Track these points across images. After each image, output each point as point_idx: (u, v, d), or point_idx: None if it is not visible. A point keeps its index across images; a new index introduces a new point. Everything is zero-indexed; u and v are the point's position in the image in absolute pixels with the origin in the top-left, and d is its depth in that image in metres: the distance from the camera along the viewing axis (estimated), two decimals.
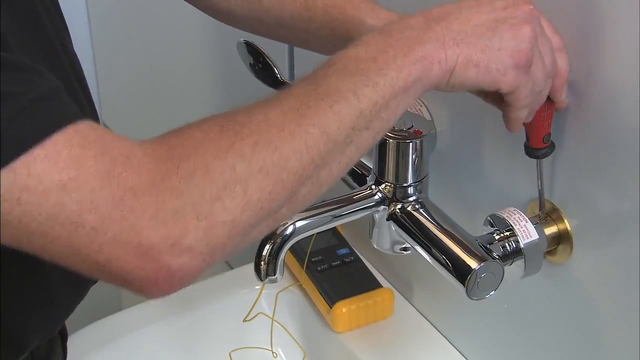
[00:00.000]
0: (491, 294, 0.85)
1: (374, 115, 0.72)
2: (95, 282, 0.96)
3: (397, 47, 0.73)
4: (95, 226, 0.63)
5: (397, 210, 0.92)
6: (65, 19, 0.90)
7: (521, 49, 0.76)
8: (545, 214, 0.89)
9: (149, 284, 0.66)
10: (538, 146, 0.85)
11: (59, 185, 0.62)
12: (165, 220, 0.64)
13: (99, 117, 0.91)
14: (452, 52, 0.74)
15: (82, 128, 0.65)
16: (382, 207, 0.92)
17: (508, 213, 0.88)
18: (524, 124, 0.83)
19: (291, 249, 0.91)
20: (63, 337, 1.00)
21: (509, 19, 0.77)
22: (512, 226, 0.87)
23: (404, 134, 0.91)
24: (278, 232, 0.87)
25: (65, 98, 0.66)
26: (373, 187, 0.93)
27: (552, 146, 0.85)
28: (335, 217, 0.91)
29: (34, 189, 0.62)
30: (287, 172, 0.68)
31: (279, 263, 0.87)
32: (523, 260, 0.87)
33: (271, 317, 1.18)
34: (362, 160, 0.98)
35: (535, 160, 0.87)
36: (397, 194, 0.92)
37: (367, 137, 0.73)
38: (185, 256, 0.65)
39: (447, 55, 0.74)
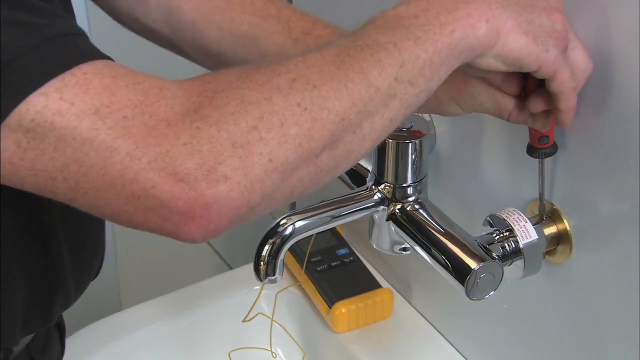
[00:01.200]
0: (491, 294, 0.85)
1: (418, 70, 0.70)
2: (95, 276, 0.95)
3: (440, 6, 0.72)
4: (129, 151, 0.63)
5: (397, 211, 0.92)
6: None
7: (557, 29, 0.75)
8: (544, 214, 0.89)
9: (187, 217, 0.64)
10: (550, 144, 0.85)
11: (91, 109, 0.63)
12: (199, 147, 0.63)
13: None
14: (500, 14, 0.72)
15: (112, 63, 0.66)
16: (382, 207, 0.92)
17: (507, 213, 0.88)
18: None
19: (290, 249, 0.91)
20: (61, 330, 1.00)
21: (541, 2, 0.76)
22: (511, 226, 0.87)
23: (404, 134, 0.91)
24: (277, 232, 0.87)
25: (91, 43, 0.67)
26: (372, 187, 0.93)
27: (555, 145, 0.85)
28: (335, 217, 0.91)
29: (66, 112, 0.63)
30: (328, 111, 0.67)
31: (279, 263, 0.87)
32: (522, 260, 0.87)
33: (270, 317, 1.17)
34: (361, 161, 0.98)
35: (534, 160, 0.87)
36: (397, 194, 0.92)
37: (411, 93, 0.71)
38: (222, 185, 0.63)
39: (494, 14, 0.72)
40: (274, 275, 0.88)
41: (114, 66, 0.66)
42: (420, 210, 0.91)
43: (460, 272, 0.84)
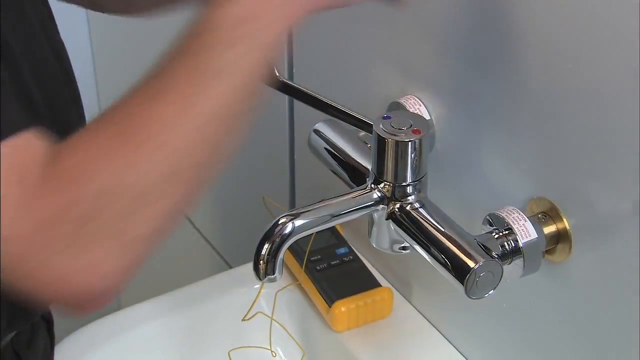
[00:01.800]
0: (490, 293, 0.85)
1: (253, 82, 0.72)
2: None
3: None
4: (17, 255, 0.65)
5: (396, 210, 0.92)
6: (64, 21, 0.89)
7: None
8: (544, 213, 0.90)
9: (76, 306, 0.69)
10: None
11: None
12: (83, 246, 0.66)
13: (83, 107, 0.92)
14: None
15: (13, 144, 0.65)
16: (381, 206, 0.92)
17: (507, 212, 0.88)
18: None
19: (290, 248, 0.91)
20: (49, 323, 1.00)
21: None
22: (511, 225, 0.87)
23: (403, 133, 0.91)
24: (277, 231, 0.87)
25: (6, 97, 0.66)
26: (372, 186, 0.93)
27: None
28: (334, 216, 0.91)
29: None
30: (193, 166, 0.69)
31: (278, 262, 0.87)
32: (522, 259, 0.87)
33: (270, 316, 1.18)
34: (360, 160, 0.98)
35: (534, 159, 0.87)
36: (396, 193, 0.92)
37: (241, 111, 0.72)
38: (108, 277, 0.67)
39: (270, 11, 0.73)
40: (273, 274, 0.88)
41: (12, 152, 0.65)
42: (420, 209, 0.91)
43: (459, 271, 0.84)
